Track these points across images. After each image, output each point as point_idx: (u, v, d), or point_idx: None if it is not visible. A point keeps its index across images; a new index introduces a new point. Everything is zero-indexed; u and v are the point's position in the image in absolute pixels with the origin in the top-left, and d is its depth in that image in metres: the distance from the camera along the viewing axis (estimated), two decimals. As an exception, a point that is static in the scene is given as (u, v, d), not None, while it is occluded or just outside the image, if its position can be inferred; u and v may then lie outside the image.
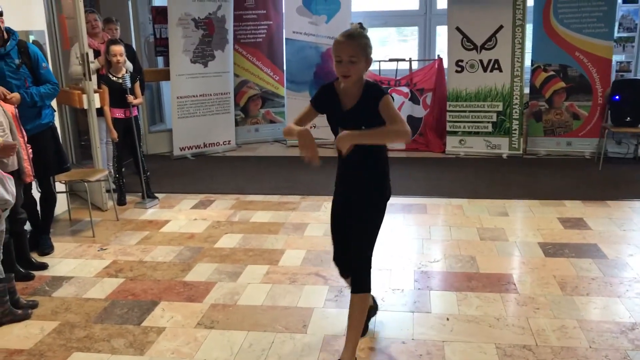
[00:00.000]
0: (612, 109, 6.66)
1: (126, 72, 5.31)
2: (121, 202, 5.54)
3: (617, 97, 6.61)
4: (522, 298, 3.51)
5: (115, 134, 5.31)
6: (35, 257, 4.23)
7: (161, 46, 7.64)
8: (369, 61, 2.62)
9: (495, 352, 2.94)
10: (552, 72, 6.98)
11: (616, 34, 6.89)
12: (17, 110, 3.77)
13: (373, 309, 3.22)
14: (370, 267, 2.78)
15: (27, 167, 3.77)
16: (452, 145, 7.31)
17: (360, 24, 2.64)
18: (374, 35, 8.86)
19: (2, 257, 3.41)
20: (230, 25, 7.52)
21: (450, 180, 6.13)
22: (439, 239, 4.54)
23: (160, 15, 7.50)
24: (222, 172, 6.68)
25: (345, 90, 2.68)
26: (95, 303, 3.58)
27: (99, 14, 6.03)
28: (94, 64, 5.42)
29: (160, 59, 7.93)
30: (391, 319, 3.28)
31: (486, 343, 3.02)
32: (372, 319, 3.22)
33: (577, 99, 6.95)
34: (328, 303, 3.50)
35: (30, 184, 4.16)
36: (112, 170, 5.63)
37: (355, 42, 2.56)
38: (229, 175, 6.50)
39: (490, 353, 2.93)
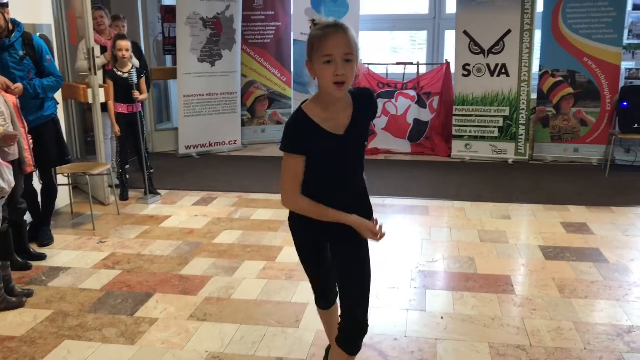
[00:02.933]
0: (620, 116, 6.60)
1: (132, 68, 5.34)
2: (123, 197, 5.55)
3: (625, 103, 6.53)
4: (518, 299, 3.47)
5: (117, 128, 5.32)
6: (35, 247, 4.24)
7: (169, 44, 7.67)
8: (357, 65, 1.99)
9: (487, 351, 2.90)
10: (560, 78, 6.93)
11: (625, 41, 6.81)
12: (18, 101, 3.80)
13: None
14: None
15: (28, 156, 3.79)
16: (458, 149, 7.27)
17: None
18: (384, 39, 8.87)
19: (-2, 245, 3.43)
20: (238, 25, 7.54)
21: (454, 184, 6.09)
22: (438, 239, 4.50)
23: (169, 14, 7.54)
24: (226, 171, 6.68)
25: (327, 107, 2.02)
26: (90, 293, 3.58)
27: (109, 11, 6.08)
28: (100, 59, 5.46)
29: (168, 58, 7.97)
30: (385, 316, 3.25)
31: (479, 342, 2.98)
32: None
33: (585, 105, 6.89)
34: (322, 299, 3.47)
35: (31, 174, 4.19)
36: (115, 165, 5.65)
37: (350, 35, 1.93)
38: (232, 174, 6.50)
39: (482, 352, 2.90)
